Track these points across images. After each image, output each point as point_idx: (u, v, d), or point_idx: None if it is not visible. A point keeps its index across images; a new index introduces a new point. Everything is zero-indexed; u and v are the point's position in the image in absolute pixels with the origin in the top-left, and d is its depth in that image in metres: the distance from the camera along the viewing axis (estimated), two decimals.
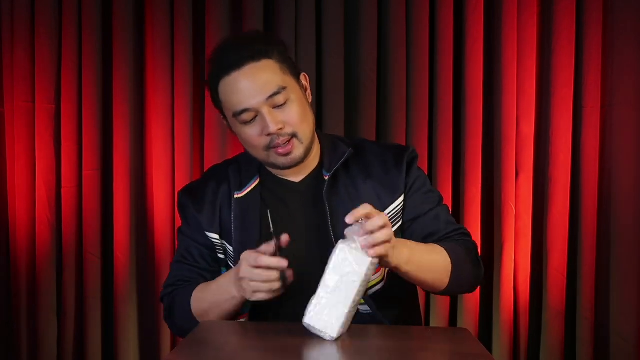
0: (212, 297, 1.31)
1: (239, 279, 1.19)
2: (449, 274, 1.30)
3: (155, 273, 2.10)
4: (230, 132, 1.42)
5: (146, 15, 2.10)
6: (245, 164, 1.43)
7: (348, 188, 1.37)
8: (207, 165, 2.07)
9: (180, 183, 2.08)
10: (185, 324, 1.36)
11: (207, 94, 2.04)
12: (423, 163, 2.02)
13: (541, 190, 2.08)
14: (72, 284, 2.12)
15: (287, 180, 1.42)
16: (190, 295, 1.35)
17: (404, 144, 2.06)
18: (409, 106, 2.07)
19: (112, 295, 2.12)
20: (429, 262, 1.28)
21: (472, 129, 2.06)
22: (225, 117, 1.39)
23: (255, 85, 1.28)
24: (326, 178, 1.36)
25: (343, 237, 1.28)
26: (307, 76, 1.41)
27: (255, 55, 1.29)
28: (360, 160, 1.41)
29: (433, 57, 2.07)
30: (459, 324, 2.04)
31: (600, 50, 2.03)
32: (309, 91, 1.40)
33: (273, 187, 1.41)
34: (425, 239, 1.38)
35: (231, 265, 1.40)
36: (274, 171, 1.42)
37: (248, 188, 1.40)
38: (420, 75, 2.06)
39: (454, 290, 1.36)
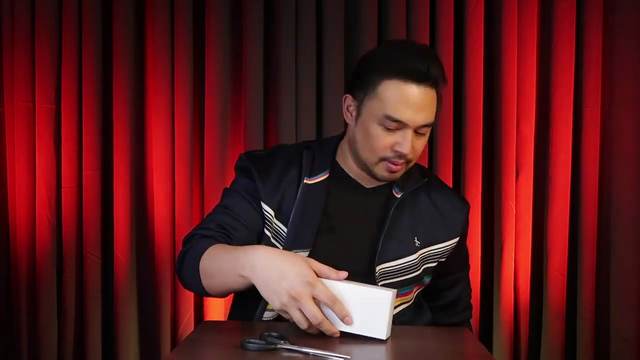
0: (222, 262, 1.22)
1: (287, 290, 1.09)
2: None
3: (155, 273, 2.10)
4: (345, 112, 1.38)
5: (146, 15, 2.10)
6: (319, 154, 1.42)
7: (413, 211, 1.41)
8: (208, 165, 2.08)
9: (180, 183, 2.08)
10: (188, 276, 1.29)
11: (208, 98, 2.06)
12: (423, 163, 2.02)
13: (541, 190, 2.08)
14: (72, 284, 2.12)
15: (357, 182, 1.43)
16: (205, 248, 1.25)
17: None
18: None
19: (112, 295, 2.12)
20: None
21: (472, 129, 2.06)
22: (360, 101, 1.33)
23: (422, 109, 1.28)
24: (398, 196, 1.39)
25: (399, 253, 1.35)
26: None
27: (436, 81, 1.30)
28: (428, 190, 1.45)
29: None
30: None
31: (600, 50, 2.03)
32: None
33: (341, 184, 1.42)
34: (445, 300, 1.56)
35: (276, 246, 1.36)
36: (349, 169, 1.43)
37: (319, 177, 1.39)
38: None
39: None
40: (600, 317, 2.06)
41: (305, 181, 1.37)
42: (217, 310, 2.10)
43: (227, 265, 1.20)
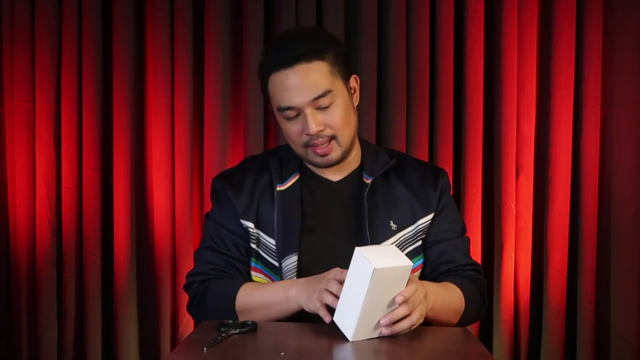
0: (263, 296, 1.31)
1: (319, 281, 1.20)
2: (461, 315, 1.35)
3: (155, 273, 2.10)
4: (274, 120, 1.45)
5: (146, 15, 2.10)
6: (286, 158, 1.45)
7: (385, 195, 1.41)
8: (207, 166, 2.08)
9: (180, 183, 2.08)
10: (222, 317, 1.33)
11: (208, 98, 2.06)
12: None
13: (541, 190, 2.08)
14: (72, 284, 2.12)
15: (325, 178, 1.45)
16: (237, 289, 1.33)
17: (404, 144, 2.06)
18: (409, 106, 2.07)
19: (112, 295, 2.12)
20: (447, 306, 1.31)
21: (472, 129, 2.06)
22: (272, 107, 1.41)
23: (302, 85, 1.30)
24: (368, 182, 1.40)
25: (377, 240, 1.34)
26: (357, 78, 1.42)
27: (308, 55, 1.31)
28: (400, 171, 1.45)
29: (433, 57, 2.07)
30: None
31: (600, 50, 2.03)
32: (357, 93, 1.42)
33: (311, 184, 1.44)
34: (440, 265, 1.42)
35: (263, 256, 1.39)
36: (313, 168, 1.45)
37: (289, 182, 1.41)
38: (420, 75, 2.06)
39: (458, 326, 1.39)
40: (600, 317, 2.06)
41: (277, 189, 1.40)
42: None
43: (270, 295, 1.30)
